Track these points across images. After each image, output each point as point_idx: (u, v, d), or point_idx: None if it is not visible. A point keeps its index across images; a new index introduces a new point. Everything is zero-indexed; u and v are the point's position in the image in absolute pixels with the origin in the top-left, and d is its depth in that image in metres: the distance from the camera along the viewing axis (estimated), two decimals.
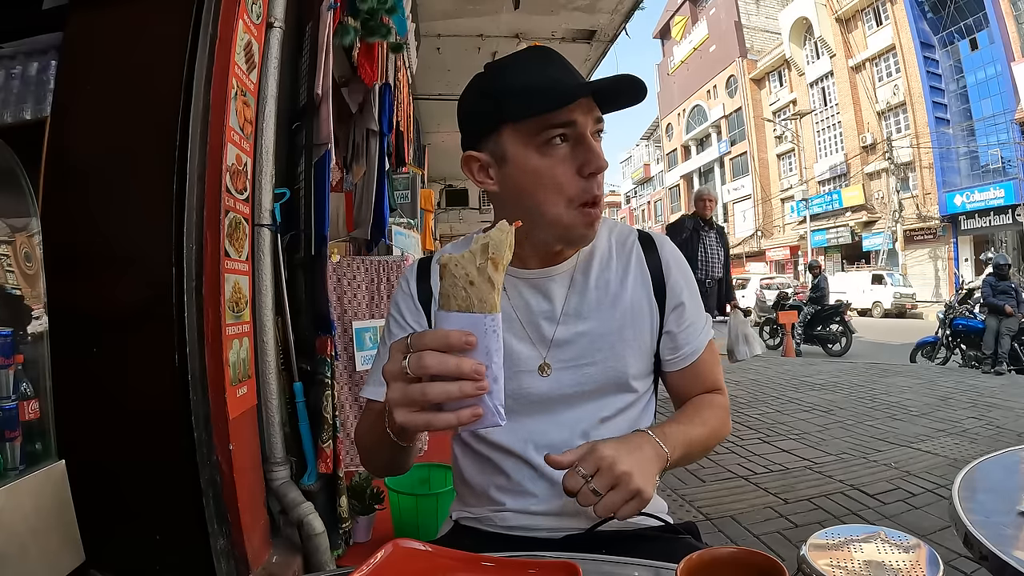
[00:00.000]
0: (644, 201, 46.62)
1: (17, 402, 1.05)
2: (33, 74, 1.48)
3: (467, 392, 0.51)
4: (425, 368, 0.51)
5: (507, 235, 0.54)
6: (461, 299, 0.52)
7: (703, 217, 4.74)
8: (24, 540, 1.02)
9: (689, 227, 4.66)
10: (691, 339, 0.83)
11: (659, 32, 39.59)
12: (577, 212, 0.74)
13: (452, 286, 0.53)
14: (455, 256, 0.53)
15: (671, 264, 0.85)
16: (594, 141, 0.73)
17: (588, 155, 0.72)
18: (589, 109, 0.72)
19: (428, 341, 0.52)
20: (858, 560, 0.49)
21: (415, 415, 0.53)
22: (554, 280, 0.82)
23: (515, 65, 0.74)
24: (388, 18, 2.35)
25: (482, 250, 0.53)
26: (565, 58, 0.76)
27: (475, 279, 0.52)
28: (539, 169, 0.72)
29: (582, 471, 0.62)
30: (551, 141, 0.71)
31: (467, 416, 0.52)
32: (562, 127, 0.71)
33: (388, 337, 0.86)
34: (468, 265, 0.53)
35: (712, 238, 4.72)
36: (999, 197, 17.81)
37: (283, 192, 1.80)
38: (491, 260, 0.52)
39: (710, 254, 4.68)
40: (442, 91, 5.48)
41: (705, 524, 2.40)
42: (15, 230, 1.15)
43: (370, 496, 2.09)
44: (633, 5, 4.38)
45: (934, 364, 7.06)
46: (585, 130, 0.72)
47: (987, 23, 18.13)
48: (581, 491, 0.62)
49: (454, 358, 0.51)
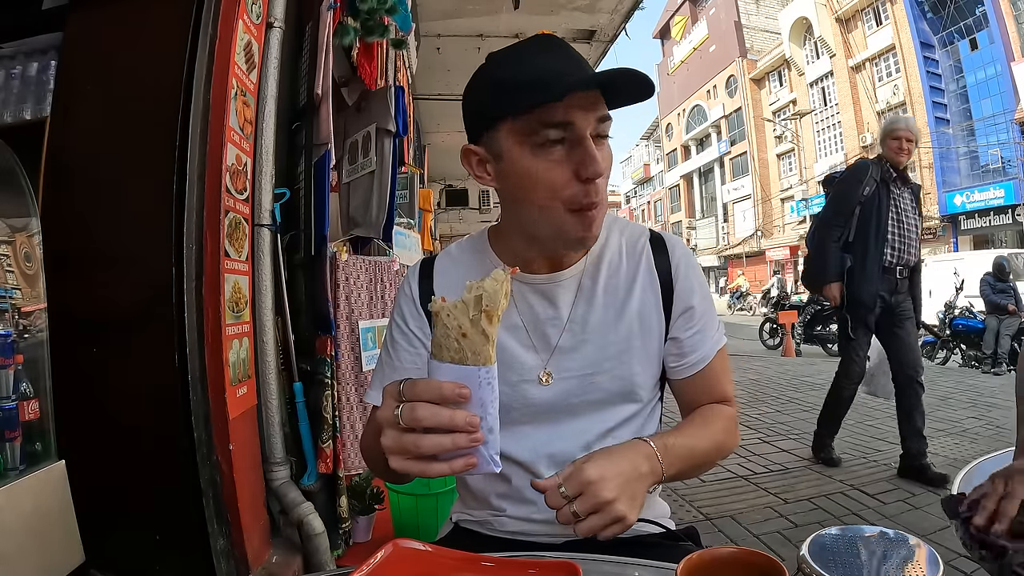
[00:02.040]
0: (644, 201, 46.61)
1: (17, 402, 1.05)
2: (33, 74, 1.48)
3: (460, 444, 0.51)
4: (418, 421, 0.51)
5: (502, 284, 0.51)
6: (454, 351, 0.51)
7: (896, 165, 2.89)
8: (24, 540, 1.02)
9: (875, 178, 2.87)
10: (698, 346, 0.79)
11: (659, 32, 39.59)
12: (572, 216, 0.69)
13: (444, 336, 0.52)
14: (447, 305, 0.51)
15: (681, 266, 0.81)
16: (594, 144, 0.68)
17: (584, 159, 0.66)
18: (590, 107, 0.67)
19: (421, 392, 0.52)
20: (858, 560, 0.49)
21: (409, 463, 0.53)
22: (561, 286, 0.79)
23: (514, 55, 0.70)
24: (388, 18, 2.35)
25: (475, 302, 0.51)
26: (571, 48, 0.71)
27: (468, 331, 0.51)
28: (533, 170, 0.68)
29: (564, 491, 0.59)
30: (547, 141, 0.67)
31: (460, 466, 0.52)
32: (558, 127, 0.66)
33: (390, 341, 0.84)
34: (461, 316, 0.51)
35: (907, 200, 2.93)
36: (999, 197, 17.80)
37: (283, 192, 1.80)
38: (485, 312, 0.50)
39: (905, 225, 2.88)
40: (442, 91, 5.48)
41: (705, 524, 2.40)
42: (15, 230, 1.15)
43: (370, 496, 2.09)
44: (633, 5, 4.38)
45: (934, 364, 7.06)
46: (584, 131, 0.67)
47: (987, 23, 18.12)
48: (561, 511, 0.59)
49: (447, 411, 0.51)
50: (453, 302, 0.51)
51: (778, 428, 3.94)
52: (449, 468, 0.52)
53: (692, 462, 0.72)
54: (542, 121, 0.66)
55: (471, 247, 0.86)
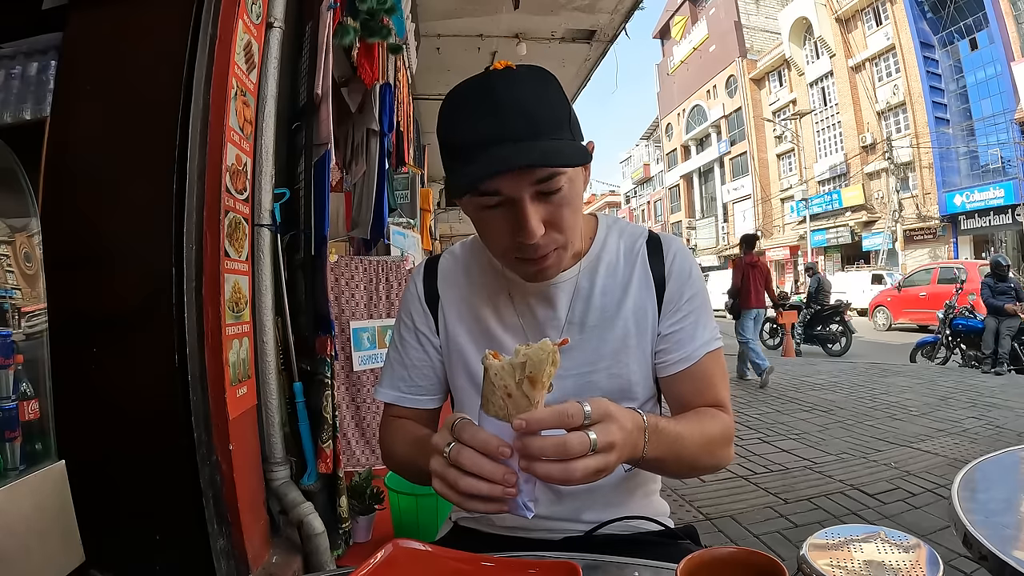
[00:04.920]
0: (644, 201, 46.59)
1: (17, 402, 1.05)
2: (33, 74, 1.48)
3: (495, 495, 0.54)
4: (461, 464, 0.55)
5: (549, 355, 0.53)
6: (499, 407, 0.55)
7: None
8: (24, 540, 1.01)
9: None
10: (684, 344, 0.79)
11: (659, 32, 39.58)
12: (523, 263, 0.73)
13: (491, 392, 0.55)
14: (495, 364, 0.55)
15: (675, 264, 0.81)
16: (540, 200, 0.67)
17: (515, 225, 0.67)
18: (522, 175, 0.65)
19: (468, 439, 0.55)
20: (858, 560, 0.49)
21: (448, 491, 0.57)
22: (559, 288, 0.80)
23: (451, 113, 0.69)
24: (388, 19, 2.35)
25: (520, 367, 0.53)
26: (521, 89, 0.66)
27: (514, 393, 0.54)
28: (480, 225, 0.73)
29: (589, 411, 0.55)
30: (485, 205, 0.68)
31: (493, 509, 0.56)
32: (491, 194, 0.67)
33: (397, 338, 0.88)
34: (507, 378, 0.54)
35: None
36: (999, 197, 17.80)
37: (283, 192, 1.80)
38: (528, 379, 0.53)
39: None
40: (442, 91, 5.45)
41: (705, 524, 2.40)
42: (15, 230, 1.14)
43: (370, 496, 2.09)
44: (633, 5, 4.38)
45: (934, 364, 7.06)
46: (516, 195, 0.66)
47: (987, 23, 18.12)
48: (578, 435, 0.54)
49: (489, 464, 0.54)
50: (502, 364, 0.55)
51: (778, 428, 3.94)
52: (484, 508, 0.56)
53: (676, 454, 0.68)
54: (475, 188, 0.66)
55: (474, 248, 0.88)
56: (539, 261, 0.72)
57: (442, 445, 0.57)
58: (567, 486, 0.58)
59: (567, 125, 0.69)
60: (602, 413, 0.56)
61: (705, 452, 0.73)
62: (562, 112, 0.69)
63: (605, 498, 0.80)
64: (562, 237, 0.71)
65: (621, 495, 0.82)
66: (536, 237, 0.67)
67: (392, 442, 0.83)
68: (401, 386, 0.85)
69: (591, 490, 0.79)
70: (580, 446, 0.53)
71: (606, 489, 0.80)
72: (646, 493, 0.86)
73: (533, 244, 0.68)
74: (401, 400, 0.85)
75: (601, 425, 0.55)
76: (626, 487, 0.82)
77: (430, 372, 0.85)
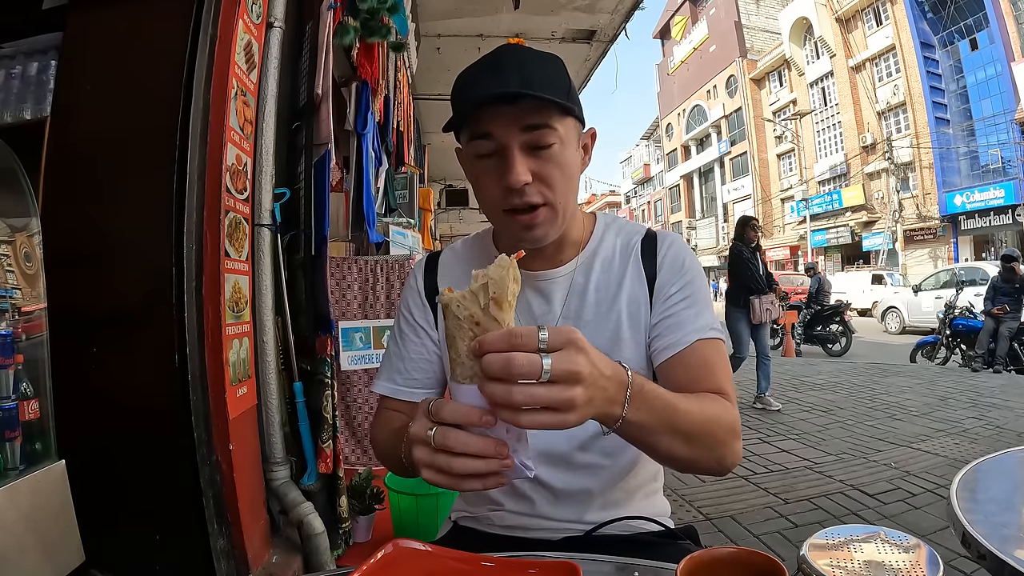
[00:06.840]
0: (644, 201, 46.60)
1: (17, 402, 1.05)
2: (33, 74, 1.48)
3: (492, 469, 0.51)
4: (450, 448, 0.51)
5: (507, 270, 0.49)
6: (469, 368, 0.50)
7: None
8: (24, 540, 1.01)
9: None
10: (674, 329, 0.76)
11: (659, 32, 39.59)
12: (510, 218, 0.73)
13: (457, 328, 0.50)
14: (455, 296, 0.50)
15: (667, 256, 0.81)
16: (530, 153, 0.69)
17: (503, 169, 0.70)
18: (512, 118, 0.68)
19: (447, 416, 0.51)
20: (858, 560, 0.49)
21: (441, 477, 0.53)
22: (555, 282, 0.82)
23: (469, 71, 0.73)
24: (388, 18, 2.35)
25: (483, 290, 0.49)
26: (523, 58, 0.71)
27: (481, 320, 0.49)
28: (475, 176, 0.75)
29: (544, 337, 0.47)
30: (480, 152, 0.72)
31: (492, 483, 0.53)
32: (484, 138, 0.70)
33: (397, 332, 0.88)
34: (471, 306, 0.49)
35: None
36: (999, 197, 17.80)
37: (283, 192, 1.80)
38: (493, 299, 0.49)
39: None
40: (442, 91, 5.47)
41: (705, 524, 2.40)
42: (15, 230, 1.15)
43: (370, 496, 2.09)
44: (633, 5, 4.37)
45: (934, 364, 7.06)
46: (505, 142, 0.69)
47: (987, 23, 18.13)
48: (529, 358, 0.46)
49: (478, 440, 0.51)
50: (462, 292, 0.50)
51: (778, 428, 3.95)
52: (482, 485, 0.53)
53: (669, 424, 0.60)
54: (473, 134, 0.71)
55: (475, 243, 0.90)
56: (529, 217, 0.72)
57: (423, 432, 0.52)
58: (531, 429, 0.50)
59: (566, 93, 0.71)
60: (564, 340, 0.48)
61: (705, 433, 0.65)
62: (562, 82, 0.71)
63: (605, 498, 0.81)
64: (550, 193, 0.72)
65: (622, 495, 0.82)
66: (521, 181, 0.69)
67: (377, 432, 0.84)
68: (397, 379, 0.86)
69: (591, 491, 0.80)
70: (527, 366, 0.46)
71: (606, 489, 0.80)
72: (647, 494, 0.86)
73: (520, 191, 0.70)
74: (396, 393, 0.85)
75: (562, 353, 0.48)
76: (627, 487, 0.82)
77: (426, 366, 0.86)
